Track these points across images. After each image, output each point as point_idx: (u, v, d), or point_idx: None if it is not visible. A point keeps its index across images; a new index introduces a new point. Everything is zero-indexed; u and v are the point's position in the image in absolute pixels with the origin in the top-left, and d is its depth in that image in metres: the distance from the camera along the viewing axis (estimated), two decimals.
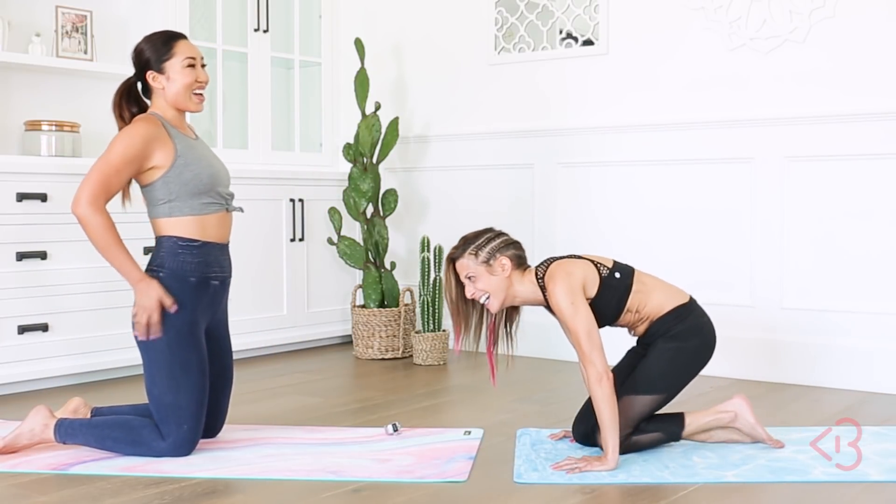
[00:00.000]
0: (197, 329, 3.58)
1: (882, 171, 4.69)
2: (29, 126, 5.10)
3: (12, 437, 3.56)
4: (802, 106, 4.90)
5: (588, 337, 3.43)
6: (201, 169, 3.59)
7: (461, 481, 3.25)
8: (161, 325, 3.48)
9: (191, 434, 3.51)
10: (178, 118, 3.68)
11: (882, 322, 4.69)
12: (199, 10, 5.85)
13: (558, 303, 3.46)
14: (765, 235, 4.99)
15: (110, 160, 3.48)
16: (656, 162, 5.32)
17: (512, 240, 3.61)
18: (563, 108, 5.68)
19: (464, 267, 3.55)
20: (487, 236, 3.58)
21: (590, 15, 5.57)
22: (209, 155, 3.73)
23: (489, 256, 3.53)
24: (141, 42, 3.66)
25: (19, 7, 5.27)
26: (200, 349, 3.57)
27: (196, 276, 3.56)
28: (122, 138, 3.52)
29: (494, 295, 3.53)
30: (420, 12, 6.25)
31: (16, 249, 4.69)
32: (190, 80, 3.62)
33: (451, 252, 3.61)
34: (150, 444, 3.49)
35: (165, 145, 3.54)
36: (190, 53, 3.63)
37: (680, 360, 3.54)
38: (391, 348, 5.78)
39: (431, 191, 6.23)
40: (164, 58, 3.60)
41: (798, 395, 4.63)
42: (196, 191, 3.56)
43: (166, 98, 3.63)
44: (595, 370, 3.38)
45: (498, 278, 3.53)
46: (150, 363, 3.54)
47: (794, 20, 4.92)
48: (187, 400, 3.49)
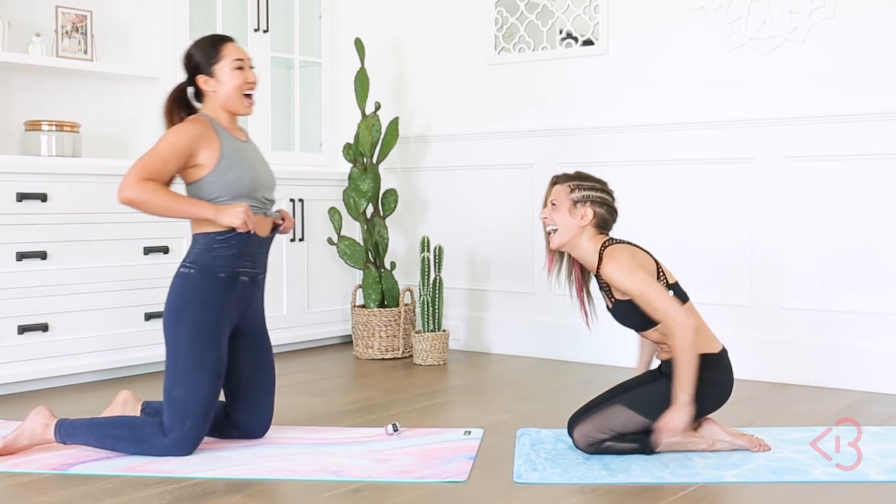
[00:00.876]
0: (219, 328, 3.57)
1: (882, 172, 4.69)
2: (29, 126, 5.09)
3: (12, 438, 3.55)
4: (802, 106, 4.90)
5: (658, 295, 3.42)
6: (244, 172, 3.60)
7: (461, 481, 3.25)
8: (184, 321, 3.52)
9: (193, 433, 3.51)
10: (229, 120, 3.70)
11: (882, 322, 4.69)
12: (199, 11, 5.85)
13: (613, 276, 3.45)
14: (765, 235, 4.99)
15: (157, 152, 3.50)
16: (657, 162, 5.32)
17: (610, 203, 3.62)
18: (564, 108, 5.68)
19: (557, 192, 3.59)
20: (593, 184, 3.61)
21: (590, 15, 5.57)
22: (256, 158, 3.74)
23: (581, 199, 3.55)
24: (190, 47, 3.69)
25: (19, 7, 5.27)
26: (219, 350, 3.57)
27: (226, 272, 3.56)
28: (170, 133, 3.56)
29: (561, 232, 3.56)
30: (420, 12, 6.25)
31: (16, 249, 4.69)
32: (239, 81, 3.64)
33: (558, 175, 3.65)
34: (151, 441, 3.49)
35: (211, 145, 3.55)
36: (238, 55, 3.66)
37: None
38: (391, 348, 5.78)
39: (431, 191, 6.23)
40: (213, 61, 3.62)
41: (798, 395, 4.63)
42: (237, 193, 3.57)
43: (217, 101, 3.65)
44: (675, 323, 3.37)
45: (574, 222, 3.55)
46: (168, 356, 3.56)
47: (794, 20, 4.91)
48: (196, 397, 3.49)
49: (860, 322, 4.76)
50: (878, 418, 4.14)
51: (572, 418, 3.66)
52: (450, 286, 6.07)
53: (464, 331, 6.05)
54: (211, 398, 3.54)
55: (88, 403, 4.52)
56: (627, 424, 3.49)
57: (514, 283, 5.85)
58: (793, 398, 4.56)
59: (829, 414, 4.22)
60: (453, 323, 6.06)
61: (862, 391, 4.68)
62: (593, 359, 5.39)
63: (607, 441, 3.50)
